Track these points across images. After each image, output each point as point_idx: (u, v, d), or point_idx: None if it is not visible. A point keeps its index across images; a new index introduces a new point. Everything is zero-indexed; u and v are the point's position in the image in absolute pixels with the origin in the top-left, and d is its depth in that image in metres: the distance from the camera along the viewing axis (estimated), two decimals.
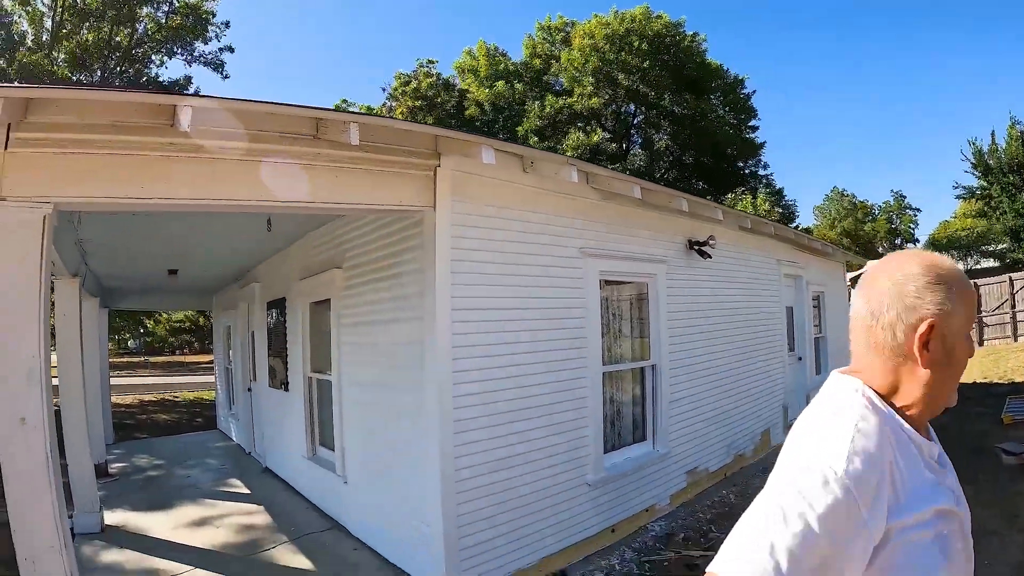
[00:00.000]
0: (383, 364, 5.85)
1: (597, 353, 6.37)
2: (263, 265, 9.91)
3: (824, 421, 1.42)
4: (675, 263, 7.72)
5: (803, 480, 1.30)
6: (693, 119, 34.29)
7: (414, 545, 5.41)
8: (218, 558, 6.05)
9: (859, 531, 1.26)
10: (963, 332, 1.42)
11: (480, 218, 5.25)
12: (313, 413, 7.84)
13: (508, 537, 5.39)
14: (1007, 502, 7.03)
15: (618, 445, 6.93)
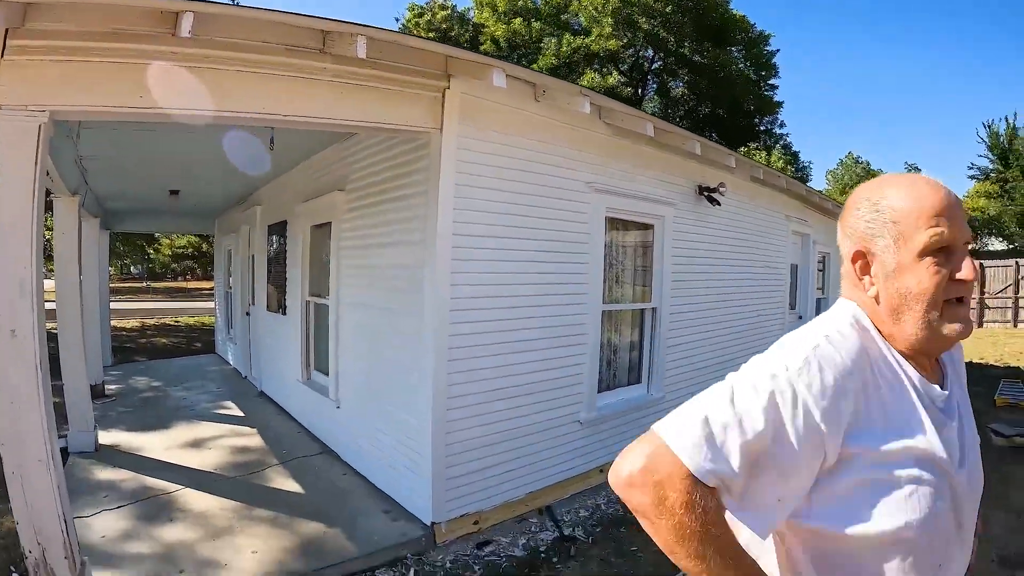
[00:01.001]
0: (381, 288, 5.83)
1: (598, 290, 6.34)
2: (265, 188, 9.85)
3: (802, 328, 1.42)
4: (683, 207, 7.65)
5: (757, 371, 1.31)
6: (712, 70, 33.59)
7: (403, 472, 5.47)
8: (210, 478, 6.12)
9: (808, 437, 1.25)
10: (907, 257, 1.36)
11: (488, 144, 5.16)
12: (309, 337, 7.85)
13: (496, 469, 5.44)
14: (995, 481, 7.03)
15: (612, 386, 6.95)
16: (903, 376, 1.37)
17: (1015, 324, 24.82)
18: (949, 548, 1.37)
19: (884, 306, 1.40)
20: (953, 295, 1.35)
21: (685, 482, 1.23)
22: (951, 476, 1.35)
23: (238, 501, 5.57)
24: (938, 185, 1.38)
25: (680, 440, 1.25)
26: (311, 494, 5.85)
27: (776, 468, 1.25)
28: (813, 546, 1.35)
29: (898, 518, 1.28)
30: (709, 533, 1.24)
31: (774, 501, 1.27)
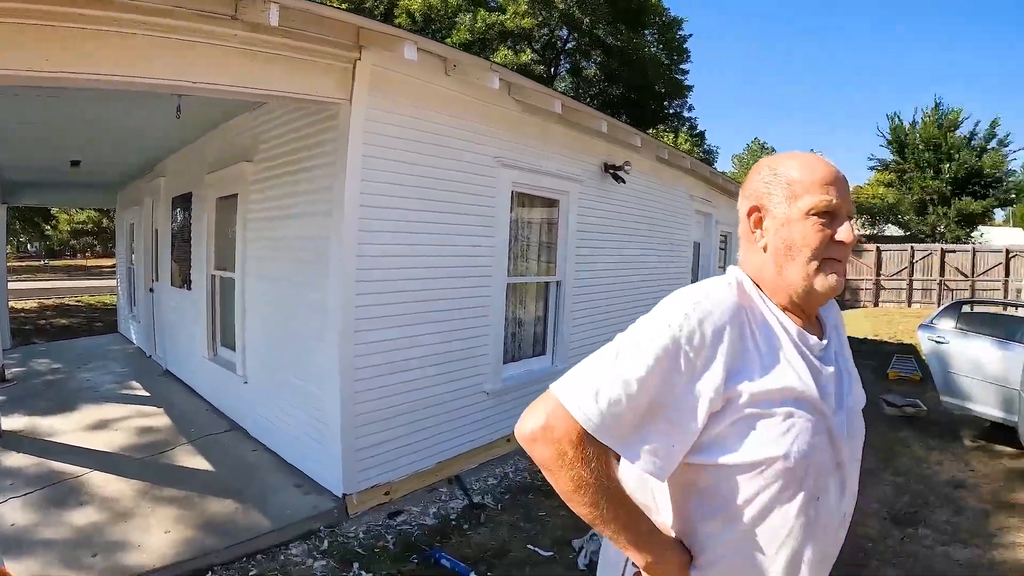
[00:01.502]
0: (288, 261, 5.73)
1: (504, 264, 6.40)
2: (170, 159, 9.45)
3: (683, 288, 1.52)
4: (589, 184, 7.77)
5: (642, 329, 1.42)
6: (625, 52, 34.03)
7: (312, 445, 5.41)
8: (118, 460, 5.90)
9: (692, 383, 1.36)
10: (795, 214, 1.49)
11: (397, 116, 5.11)
12: (215, 312, 7.64)
13: (405, 440, 5.44)
14: (885, 447, 7.56)
15: (518, 357, 7.04)
16: (781, 327, 1.50)
17: (909, 304, 26.81)
18: (827, 481, 1.48)
19: (771, 256, 1.53)
20: (831, 255, 1.49)
21: (580, 438, 1.35)
22: (827, 416, 1.47)
23: (148, 482, 5.39)
24: (831, 163, 1.53)
25: (574, 399, 1.36)
26: (221, 472, 5.72)
27: (666, 417, 1.36)
28: (702, 480, 1.46)
29: (775, 447, 1.39)
30: (601, 483, 1.37)
31: (668, 447, 1.37)
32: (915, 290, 27.55)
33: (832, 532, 1.54)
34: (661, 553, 1.46)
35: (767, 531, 1.45)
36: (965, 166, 33.15)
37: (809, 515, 1.46)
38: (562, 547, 4.74)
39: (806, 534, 1.46)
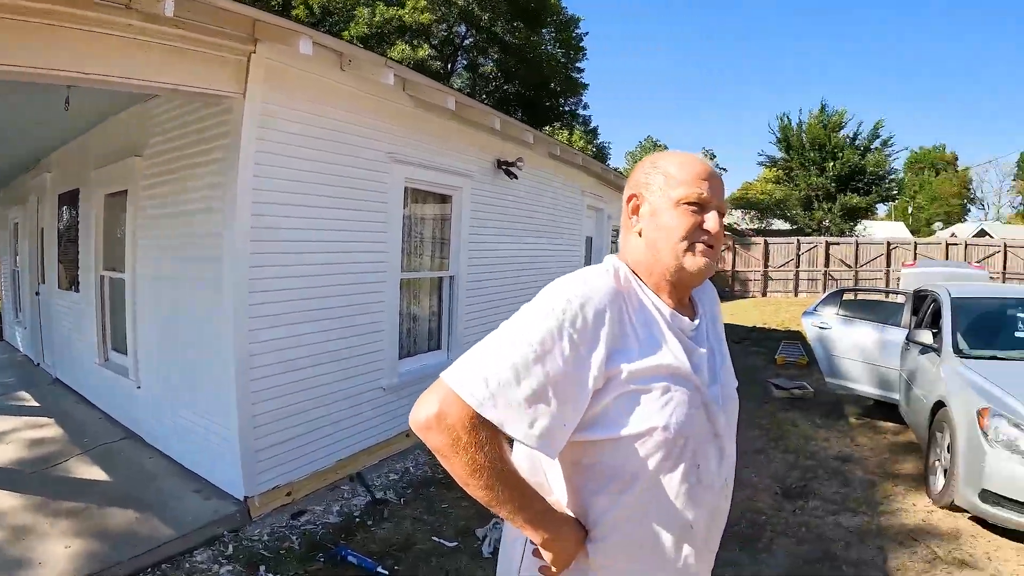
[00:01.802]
0: (181, 259, 5.55)
1: (397, 259, 6.40)
2: (56, 153, 8.91)
3: (565, 276, 1.61)
4: (482, 180, 7.84)
5: (527, 314, 1.49)
6: (522, 50, 34.52)
7: (210, 449, 5.26)
8: (10, 474, 5.56)
9: (576, 363, 1.43)
10: (668, 203, 1.61)
11: (292, 111, 5.03)
12: (105, 315, 7.29)
13: (305, 439, 5.37)
14: (774, 427, 7.95)
15: (413, 352, 7.06)
16: (655, 310, 1.60)
17: (796, 293, 28.51)
18: (706, 449, 1.60)
19: (645, 240, 1.65)
20: (700, 239, 1.60)
21: (472, 423, 1.39)
22: (702, 390, 1.59)
23: (43, 496, 5.11)
24: (708, 163, 1.67)
25: (465, 385, 1.40)
26: (119, 481, 5.49)
27: (553, 397, 1.41)
28: (589, 456, 1.54)
29: (655, 419, 1.49)
30: (495, 466, 1.43)
31: (558, 425, 1.43)
32: (801, 280, 29.36)
33: (715, 497, 1.65)
34: (557, 529, 1.53)
35: (655, 499, 1.54)
36: (848, 164, 35.34)
37: (691, 481, 1.56)
38: (466, 537, 4.80)
39: (691, 499, 1.57)
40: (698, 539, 1.62)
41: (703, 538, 1.64)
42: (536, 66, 35.17)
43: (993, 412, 5.13)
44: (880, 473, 6.51)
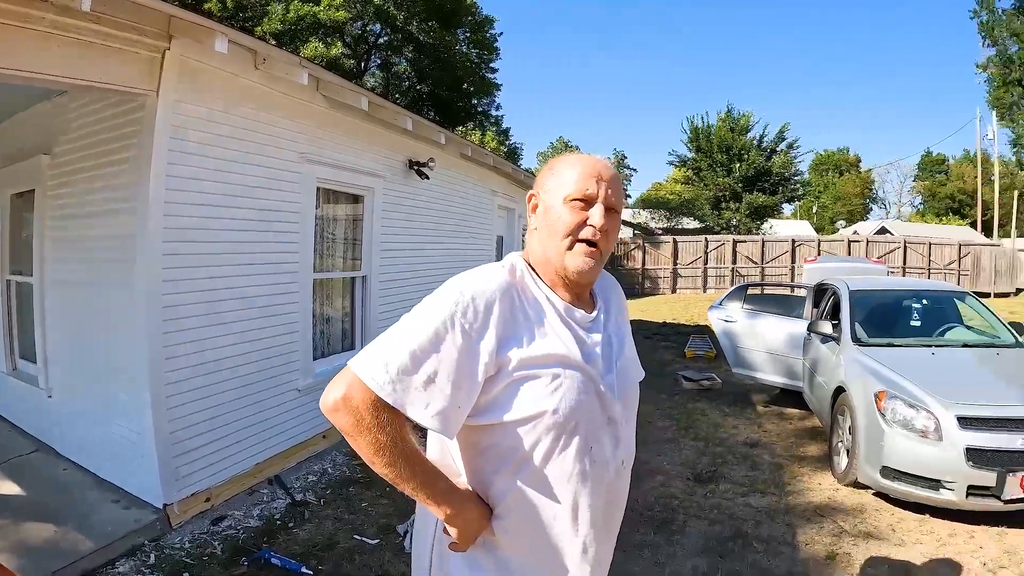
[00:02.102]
0: (92, 261, 5.51)
1: (310, 260, 6.51)
2: None
3: (465, 272, 1.77)
4: (394, 180, 8.03)
5: (425, 305, 1.66)
6: (437, 50, 34.77)
7: (127, 457, 5.23)
8: None
9: (468, 350, 1.60)
10: (558, 200, 1.77)
11: (206, 110, 5.10)
12: (12, 322, 7.11)
13: (222, 443, 5.44)
14: (684, 417, 8.44)
15: (327, 353, 7.17)
16: (548, 302, 1.76)
17: (704, 290, 29.93)
18: (599, 433, 1.77)
19: (539, 235, 1.82)
20: (585, 236, 1.75)
21: (374, 406, 1.56)
22: (595, 377, 1.75)
23: None
24: (602, 162, 1.84)
25: (367, 371, 1.56)
26: (33, 495, 5.41)
27: (448, 381, 1.58)
28: (486, 439, 1.71)
29: (544, 403, 1.65)
30: (397, 445, 1.59)
31: (453, 408, 1.60)
32: (710, 277, 30.78)
33: (610, 480, 1.82)
34: (460, 505, 1.69)
35: (548, 479, 1.70)
36: (754, 166, 37.07)
37: (584, 463, 1.72)
38: (387, 533, 4.98)
39: (584, 481, 1.73)
40: (596, 521, 1.78)
41: (601, 520, 1.81)
42: (450, 66, 35.44)
43: (889, 395, 5.67)
44: (787, 456, 7.05)
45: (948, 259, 30.22)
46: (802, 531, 5.21)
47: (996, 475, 5.09)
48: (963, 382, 5.97)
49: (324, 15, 31.65)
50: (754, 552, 4.82)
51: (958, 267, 29.90)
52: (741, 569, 4.58)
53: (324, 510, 5.43)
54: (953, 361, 6.57)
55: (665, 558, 4.71)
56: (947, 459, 5.22)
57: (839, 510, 5.62)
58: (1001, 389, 5.82)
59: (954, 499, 5.23)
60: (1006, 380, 6.09)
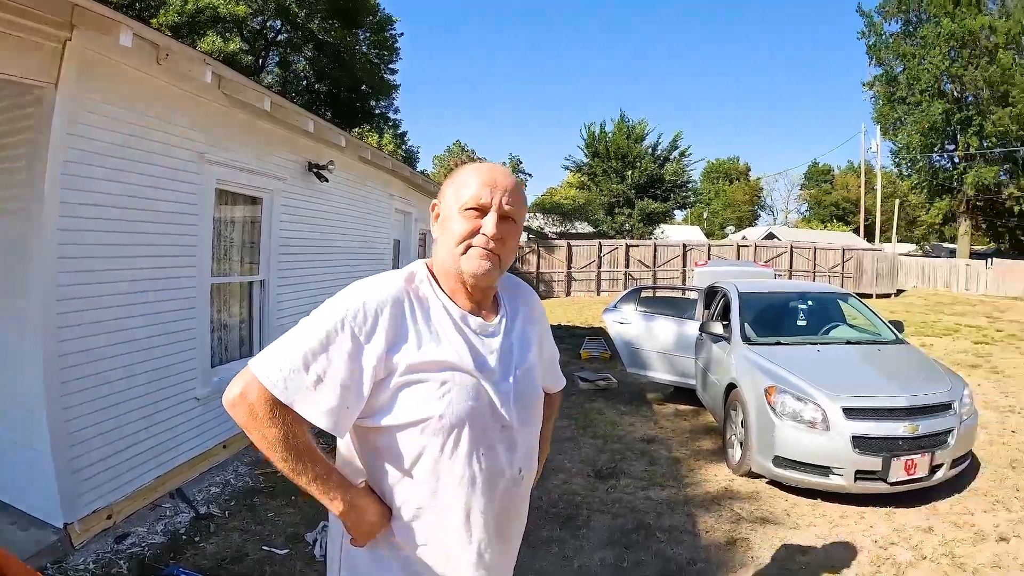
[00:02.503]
0: None
1: (208, 264, 6.42)
2: None
3: (364, 279, 1.90)
4: (293, 182, 8.05)
5: (320, 310, 1.80)
6: (336, 49, 34.57)
7: (23, 476, 4.96)
8: None
9: (357, 353, 1.73)
10: (455, 209, 1.87)
11: (106, 105, 4.97)
12: None
13: (121, 456, 5.31)
14: (582, 416, 8.82)
15: (226, 360, 7.10)
16: (445, 311, 1.88)
17: (598, 293, 31.09)
18: (491, 439, 1.87)
19: (438, 243, 1.94)
20: (478, 243, 1.85)
21: (269, 403, 1.70)
22: (487, 384, 1.87)
23: None
24: (501, 169, 1.94)
25: (263, 370, 1.72)
26: None
27: (337, 382, 1.72)
28: (379, 441, 1.84)
29: (431, 408, 1.77)
30: (290, 441, 1.72)
31: (342, 408, 1.74)
32: (603, 280, 31.83)
33: (505, 487, 1.92)
34: (352, 501, 1.80)
35: (438, 483, 1.81)
36: (646, 173, 38.26)
37: (474, 469, 1.83)
38: (297, 542, 5.05)
39: (475, 486, 1.84)
40: (489, 526, 1.89)
41: (495, 526, 1.90)
42: (349, 66, 35.36)
43: (779, 389, 6.14)
44: (683, 451, 7.52)
45: (832, 263, 32.15)
46: (702, 520, 5.60)
47: (881, 460, 5.66)
48: (847, 376, 6.53)
49: (224, 9, 31.01)
50: (657, 542, 5.16)
51: (842, 270, 31.89)
52: (646, 559, 4.90)
53: (230, 522, 5.42)
54: (838, 357, 7.16)
55: (572, 552, 4.98)
56: (835, 447, 5.75)
57: (736, 498, 6.06)
58: (883, 382, 6.40)
59: (843, 484, 5.77)
60: (887, 374, 6.68)
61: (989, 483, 6.40)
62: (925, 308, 25.42)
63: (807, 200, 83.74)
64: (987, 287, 32.54)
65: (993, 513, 5.71)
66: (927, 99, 41.39)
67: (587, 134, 42.06)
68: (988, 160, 40.87)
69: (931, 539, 5.21)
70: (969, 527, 5.42)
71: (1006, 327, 19.40)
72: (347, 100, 37.67)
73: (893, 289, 31.68)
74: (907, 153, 44.21)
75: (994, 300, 28.66)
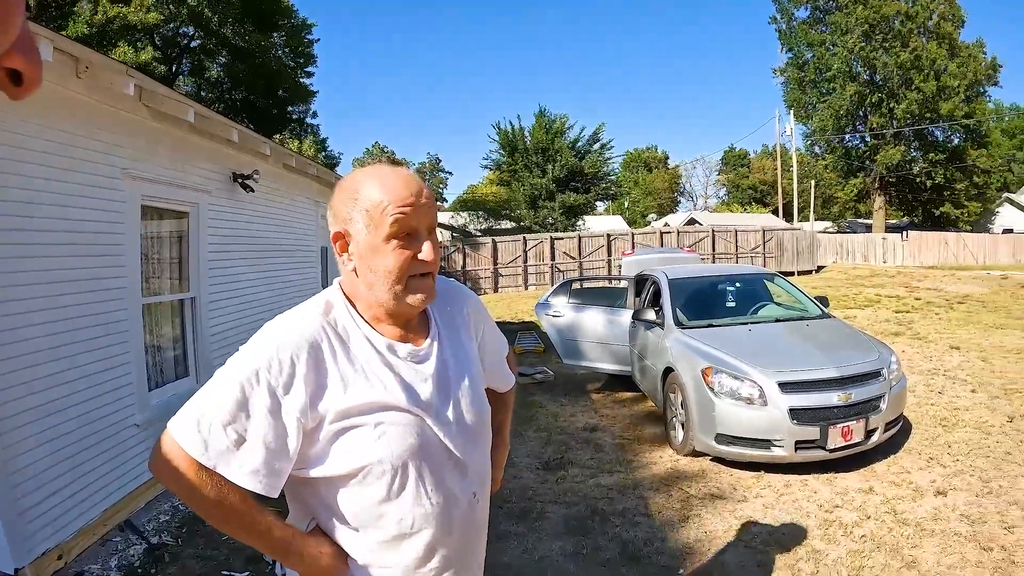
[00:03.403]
0: None
1: (137, 283, 6.27)
2: None
3: (278, 317, 1.75)
4: (218, 194, 7.96)
5: (234, 360, 1.64)
6: (252, 54, 34.12)
7: None
8: None
9: (277, 406, 1.59)
10: (376, 239, 1.66)
11: (21, 122, 4.75)
12: None
13: (66, 492, 5.08)
14: (523, 410, 9.02)
15: (162, 382, 6.95)
16: (369, 343, 1.73)
17: (526, 287, 31.55)
18: (440, 470, 1.75)
19: (361, 279, 1.73)
20: (417, 271, 1.71)
21: (192, 468, 1.56)
22: (428, 416, 1.73)
23: None
24: (409, 179, 1.72)
25: (183, 435, 1.58)
26: None
27: (260, 439, 1.58)
28: (320, 491, 1.71)
29: (368, 455, 1.64)
30: (224, 503, 1.59)
31: (269, 466, 1.59)
32: (530, 275, 32.23)
33: (462, 514, 1.81)
34: (300, 552, 1.69)
35: (390, 527, 1.70)
36: (567, 167, 38.74)
37: (426, 505, 1.71)
38: (257, 563, 5.04)
39: (429, 522, 1.72)
40: (451, 559, 1.79)
41: (457, 557, 1.81)
42: (265, 72, 34.88)
43: (715, 370, 6.45)
44: (626, 436, 7.79)
45: (753, 244, 33.26)
46: (653, 501, 5.84)
47: (819, 429, 6.00)
48: (780, 352, 6.86)
49: (134, 17, 30.19)
50: (613, 527, 5.37)
51: (763, 250, 33.01)
52: (604, 543, 5.09)
53: (185, 549, 5.36)
54: (769, 335, 7.51)
55: (532, 544, 5.14)
56: (773, 420, 6.05)
57: (683, 478, 6.32)
58: (815, 355, 6.75)
59: (784, 454, 6.08)
60: (817, 347, 7.05)
61: (922, 443, 6.84)
62: (846, 282, 26.57)
63: (725, 184, 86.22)
64: (904, 259, 34.12)
65: (928, 470, 6.11)
66: (839, 84, 43.20)
67: (499, 133, 42.45)
68: (902, 138, 42.96)
69: (873, 499, 5.56)
70: (907, 485, 5.80)
71: (924, 295, 20.52)
72: (264, 107, 37.28)
73: (814, 266, 32.92)
74: (820, 135, 46.05)
75: (911, 271, 30.11)
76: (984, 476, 5.88)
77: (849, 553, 4.73)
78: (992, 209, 47.86)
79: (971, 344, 12.13)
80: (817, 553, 4.78)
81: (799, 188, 44.25)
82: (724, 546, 4.99)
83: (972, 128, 43.31)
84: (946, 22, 41.90)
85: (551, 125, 41.08)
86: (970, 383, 9.17)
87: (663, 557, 4.89)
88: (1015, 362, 10.33)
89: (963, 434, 7.01)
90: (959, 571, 4.40)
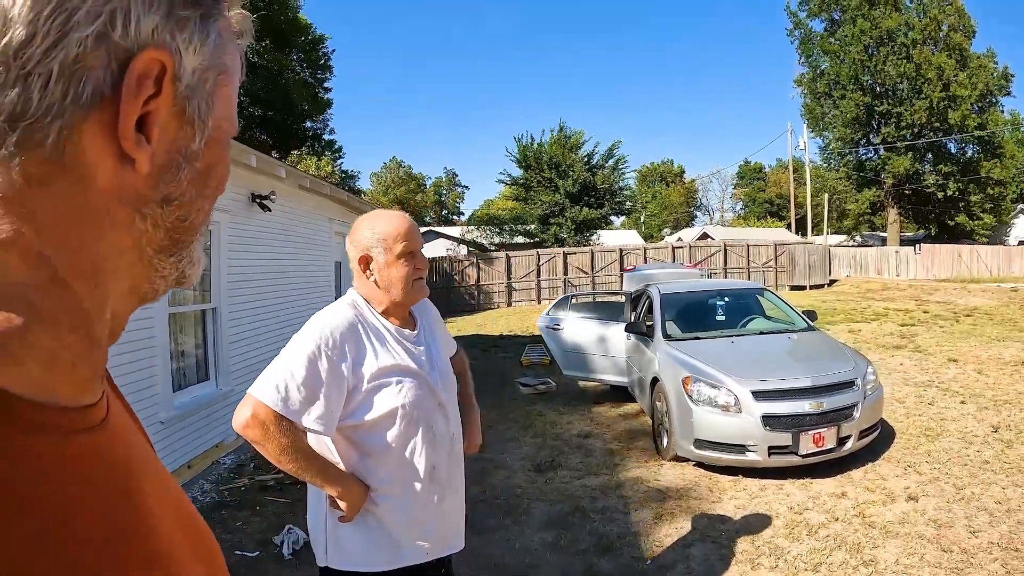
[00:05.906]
0: None
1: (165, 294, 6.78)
2: None
3: (323, 310, 2.50)
4: (238, 213, 8.55)
5: (298, 339, 2.35)
6: (271, 72, 34.67)
7: None
8: None
9: (333, 372, 2.28)
10: (391, 258, 2.46)
11: None
12: None
13: None
14: (523, 418, 9.53)
15: (184, 385, 7.52)
16: (384, 328, 2.50)
17: (539, 301, 31.71)
18: (433, 415, 2.53)
19: (381, 286, 2.50)
20: (417, 276, 2.53)
21: (275, 418, 2.20)
22: (425, 376, 2.51)
23: None
24: (405, 218, 2.56)
25: (265, 393, 2.22)
26: None
27: (322, 395, 2.26)
28: (356, 435, 2.42)
29: (394, 401, 2.39)
30: (296, 445, 2.24)
31: (328, 414, 2.27)
32: (543, 289, 32.40)
33: (448, 446, 2.58)
34: (347, 485, 2.34)
35: (406, 455, 2.43)
36: (579, 182, 39.01)
37: (428, 438, 2.47)
38: (266, 546, 5.56)
39: (429, 450, 2.47)
40: (442, 479, 2.52)
41: (446, 478, 2.54)
42: (282, 89, 35.33)
43: (694, 379, 6.91)
44: (617, 443, 8.25)
45: (765, 258, 33.10)
46: (632, 501, 6.31)
47: (791, 435, 6.41)
48: (758, 363, 7.30)
49: None
50: (591, 522, 5.84)
51: (775, 265, 32.85)
52: (580, 536, 5.57)
53: None
54: (749, 347, 7.99)
55: (515, 536, 5.64)
56: (748, 427, 6.49)
57: (663, 480, 6.79)
58: (790, 366, 7.22)
59: (758, 459, 6.50)
60: (795, 358, 7.51)
61: (903, 451, 7.14)
62: (857, 295, 26.49)
63: (742, 198, 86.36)
64: (916, 272, 34.02)
65: (904, 477, 6.40)
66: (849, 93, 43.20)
67: (518, 148, 42.29)
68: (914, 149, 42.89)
69: (843, 503, 5.89)
70: (881, 490, 6.10)
71: (932, 308, 20.37)
72: (281, 122, 37.57)
73: (826, 280, 32.62)
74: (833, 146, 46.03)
75: (923, 284, 29.83)
76: (959, 483, 6.12)
77: (810, 551, 5.06)
78: (1007, 221, 46.86)
79: (969, 357, 12.22)
80: (779, 549, 5.12)
81: (814, 202, 44.35)
82: (692, 541, 5.40)
83: (986, 139, 43.02)
84: (956, 33, 41.60)
85: (567, 140, 41.09)
86: (961, 395, 9.36)
87: (633, 549, 5.34)
88: (1010, 374, 10.51)
89: (945, 443, 7.26)
90: (916, 571, 4.68)
